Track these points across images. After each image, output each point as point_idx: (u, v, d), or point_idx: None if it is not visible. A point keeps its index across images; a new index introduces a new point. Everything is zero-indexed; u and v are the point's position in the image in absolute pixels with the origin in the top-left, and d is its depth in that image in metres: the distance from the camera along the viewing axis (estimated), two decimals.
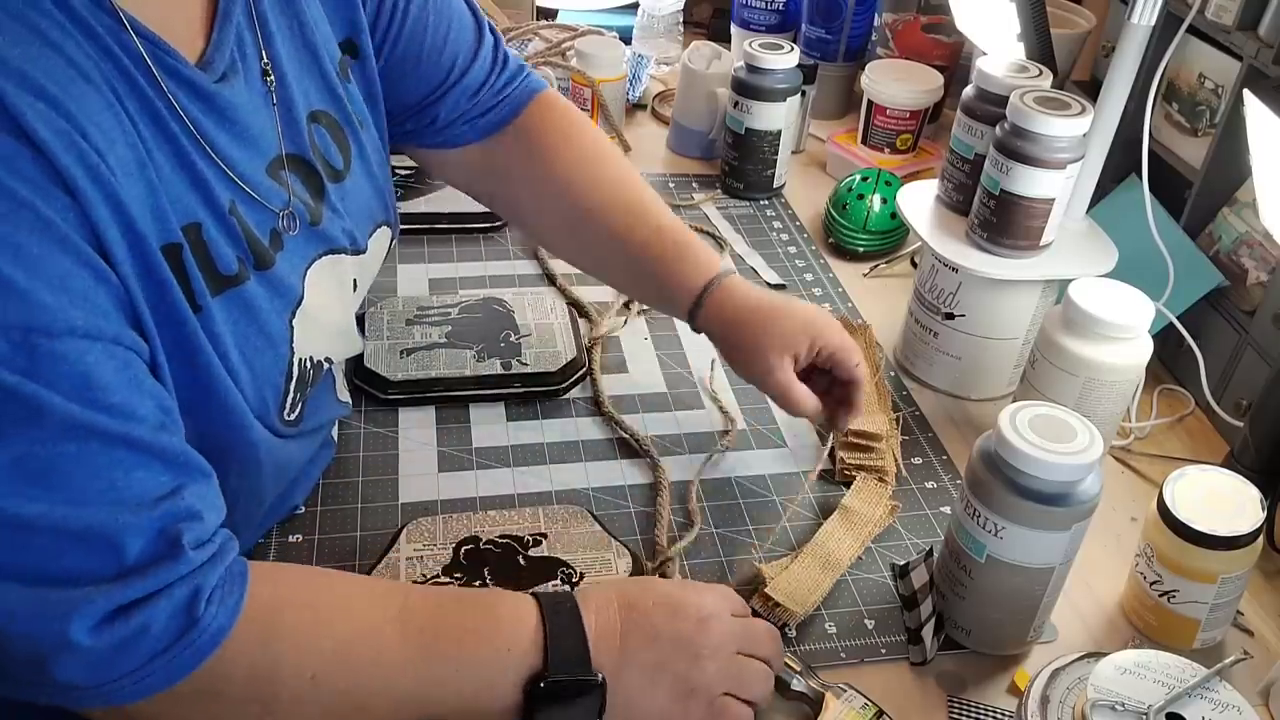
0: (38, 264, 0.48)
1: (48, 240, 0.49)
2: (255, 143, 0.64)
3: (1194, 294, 0.96)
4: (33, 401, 0.48)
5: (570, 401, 0.93)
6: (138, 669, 0.51)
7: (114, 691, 0.51)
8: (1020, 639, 0.72)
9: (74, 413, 0.49)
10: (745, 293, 0.82)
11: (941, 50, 1.42)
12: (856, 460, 0.87)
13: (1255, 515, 0.70)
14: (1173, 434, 0.96)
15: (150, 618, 0.50)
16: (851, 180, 1.20)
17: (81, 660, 0.49)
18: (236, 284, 0.61)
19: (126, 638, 0.50)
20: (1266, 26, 0.89)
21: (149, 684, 0.51)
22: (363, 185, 0.76)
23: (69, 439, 0.49)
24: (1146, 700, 0.57)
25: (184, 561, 0.52)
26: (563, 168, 0.86)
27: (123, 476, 0.51)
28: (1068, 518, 0.66)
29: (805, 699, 0.68)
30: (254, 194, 0.64)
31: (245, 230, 0.62)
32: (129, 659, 0.50)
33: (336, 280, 0.73)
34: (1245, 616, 0.77)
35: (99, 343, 0.51)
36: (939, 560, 0.74)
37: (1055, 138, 0.84)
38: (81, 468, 0.49)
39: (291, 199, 0.67)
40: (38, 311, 0.48)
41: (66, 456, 0.49)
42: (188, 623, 0.52)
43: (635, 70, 1.47)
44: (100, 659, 0.50)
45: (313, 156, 0.70)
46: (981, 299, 0.92)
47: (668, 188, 1.30)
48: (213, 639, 0.52)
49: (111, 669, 0.50)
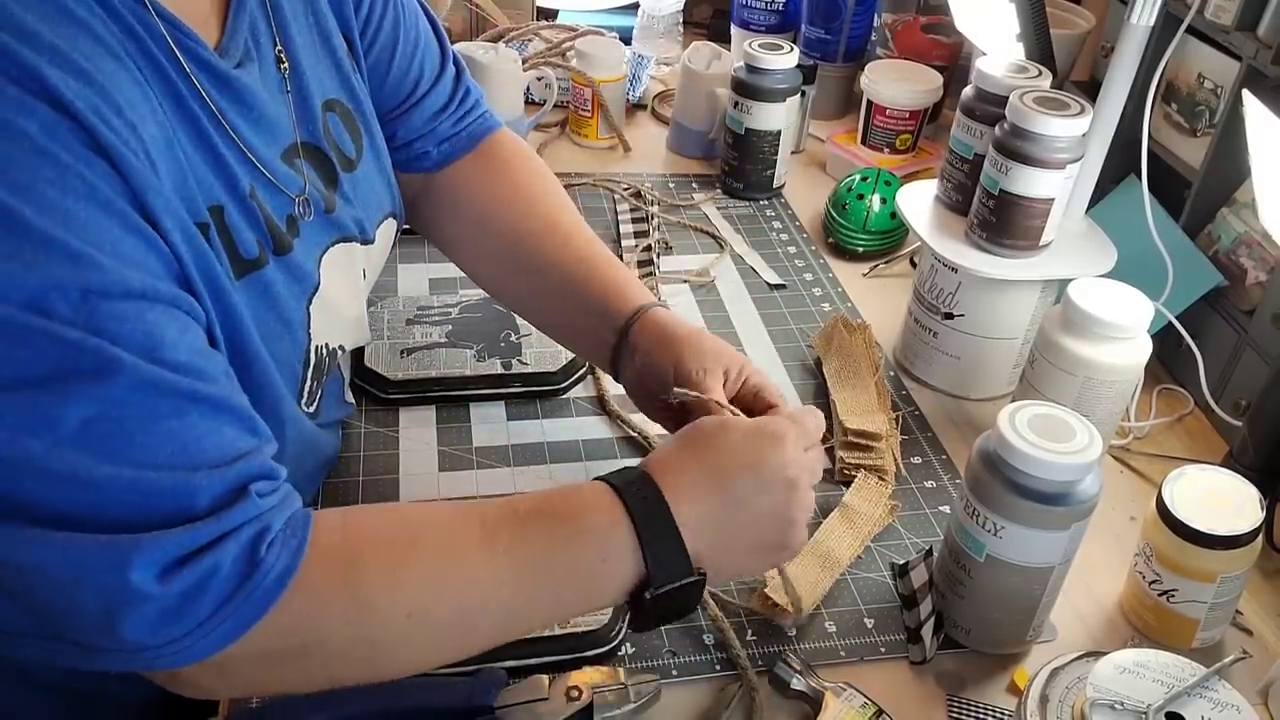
0: (87, 228, 0.48)
1: (94, 205, 0.48)
2: (271, 129, 0.65)
3: (1193, 294, 0.96)
4: (99, 357, 0.47)
5: (570, 401, 0.93)
6: (206, 620, 0.49)
7: (183, 649, 0.49)
8: (1020, 638, 0.72)
9: (142, 369, 0.48)
10: (674, 320, 0.77)
11: (941, 50, 1.42)
12: (856, 459, 0.87)
13: (1254, 515, 0.71)
14: (1172, 434, 0.96)
15: (218, 561, 0.49)
16: (851, 180, 1.20)
17: (150, 612, 0.48)
18: (257, 268, 0.62)
19: (193, 585, 0.49)
20: (1265, 27, 0.89)
21: (217, 636, 0.50)
22: (373, 175, 0.77)
23: (138, 397, 0.48)
24: (1146, 699, 0.57)
25: (251, 505, 0.51)
26: (507, 208, 0.85)
27: (195, 440, 0.50)
28: (1067, 517, 0.66)
29: (805, 698, 0.68)
30: (272, 179, 0.64)
31: (265, 214, 0.63)
32: (197, 608, 0.49)
33: (349, 268, 0.73)
34: (1244, 616, 0.77)
35: (158, 304, 0.50)
36: (939, 560, 0.74)
37: (1055, 138, 0.84)
38: (152, 429, 0.49)
39: (307, 186, 0.67)
40: (93, 274, 0.47)
41: (136, 417, 0.48)
42: (251, 566, 0.50)
43: (635, 70, 1.47)
44: (168, 609, 0.49)
45: (326, 145, 0.71)
46: (981, 299, 0.92)
47: (668, 188, 1.30)
48: (278, 581, 0.51)
49: (179, 621, 0.49)
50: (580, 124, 1.38)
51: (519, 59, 1.31)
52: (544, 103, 1.38)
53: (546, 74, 1.37)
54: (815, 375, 0.99)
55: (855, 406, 0.92)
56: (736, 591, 0.75)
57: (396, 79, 0.81)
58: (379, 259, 0.80)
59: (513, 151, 0.88)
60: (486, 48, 1.30)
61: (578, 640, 0.70)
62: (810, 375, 0.99)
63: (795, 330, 1.06)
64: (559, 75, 1.38)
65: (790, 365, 1.01)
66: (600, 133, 1.37)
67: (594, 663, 0.69)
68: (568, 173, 1.30)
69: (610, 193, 1.27)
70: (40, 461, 0.47)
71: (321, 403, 0.73)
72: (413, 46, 0.82)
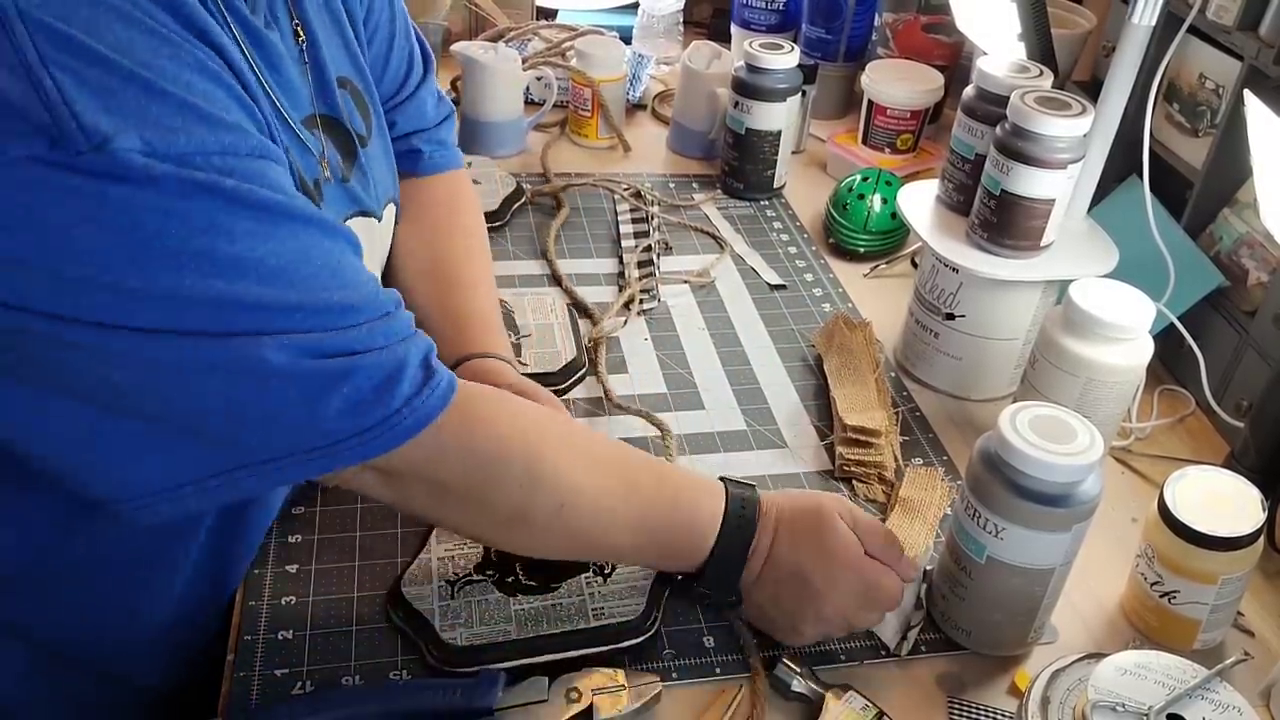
0: (208, 96, 0.51)
1: (207, 77, 0.52)
2: (295, 96, 0.66)
3: (1194, 294, 0.96)
4: (250, 198, 0.51)
5: (570, 401, 0.93)
6: (412, 397, 0.57)
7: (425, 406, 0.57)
8: (1020, 640, 0.72)
9: (293, 204, 0.54)
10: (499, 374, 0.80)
11: (942, 50, 1.42)
12: (856, 456, 0.87)
13: (1256, 516, 0.70)
14: (1173, 434, 0.96)
15: (407, 353, 0.58)
16: (852, 180, 1.20)
17: (414, 377, 0.57)
18: None
19: (393, 370, 0.56)
20: (1267, 27, 0.89)
21: (414, 420, 0.57)
22: (380, 155, 0.78)
23: (295, 230, 0.54)
24: (1147, 701, 0.57)
25: (412, 326, 0.60)
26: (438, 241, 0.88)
27: (350, 263, 0.57)
28: (1068, 518, 0.66)
29: (805, 700, 0.68)
30: (303, 139, 0.66)
31: (298, 171, 0.64)
32: (393, 395, 0.56)
33: (368, 244, 0.74)
34: (1246, 617, 0.77)
35: (268, 158, 0.54)
36: (939, 560, 0.74)
37: (1056, 138, 0.84)
38: (314, 256, 0.54)
39: (326, 153, 0.69)
40: (223, 134, 0.51)
41: (299, 248, 0.54)
42: (429, 373, 0.58)
43: (635, 70, 1.47)
44: (420, 379, 0.57)
45: (344, 119, 0.72)
46: (982, 299, 0.92)
47: (668, 188, 1.30)
48: (450, 386, 0.59)
49: (379, 404, 0.56)
50: (580, 124, 1.38)
51: (519, 59, 1.31)
52: (544, 103, 1.38)
53: (546, 74, 1.37)
54: (815, 375, 0.99)
55: (855, 403, 0.92)
56: None
57: (396, 67, 0.85)
58: (386, 241, 0.82)
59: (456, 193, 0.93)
60: (486, 47, 1.30)
61: (615, 633, 0.70)
62: (810, 375, 0.99)
63: (795, 331, 1.05)
64: (559, 75, 1.37)
65: (790, 365, 1.00)
66: (600, 133, 1.37)
67: (630, 653, 0.70)
68: (567, 173, 1.30)
69: (610, 193, 1.26)
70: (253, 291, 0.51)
71: None
72: (405, 39, 0.86)
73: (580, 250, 1.16)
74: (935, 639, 0.74)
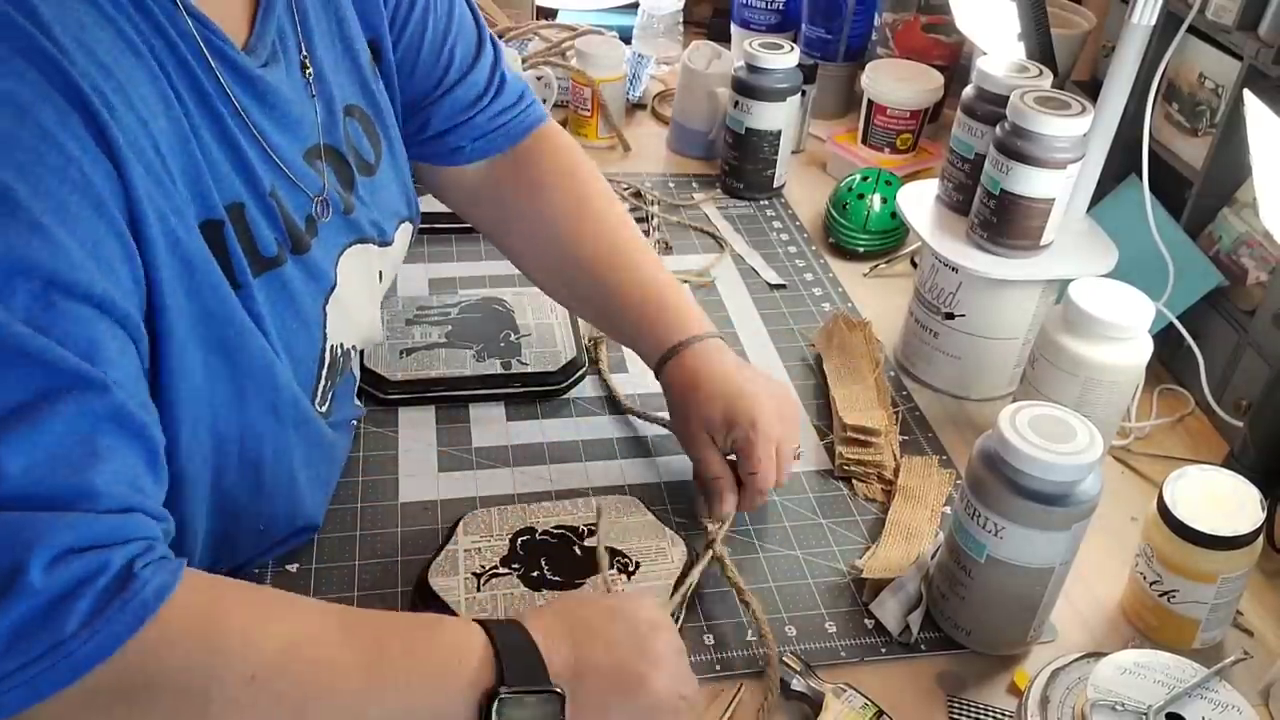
0: (76, 222, 0.48)
1: (88, 202, 0.49)
2: (295, 129, 0.66)
3: (1194, 294, 0.96)
4: (43, 356, 0.47)
5: (570, 401, 0.93)
6: (76, 631, 0.46)
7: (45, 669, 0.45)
8: (1020, 639, 0.72)
9: (83, 370, 0.48)
10: (709, 361, 0.79)
11: (942, 50, 1.42)
12: (855, 455, 0.87)
13: (1255, 515, 0.70)
14: (1173, 434, 0.96)
15: (107, 560, 0.47)
16: (851, 180, 1.20)
17: (30, 603, 0.45)
18: (275, 266, 0.63)
19: (74, 579, 0.46)
20: (1266, 26, 0.89)
21: (84, 654, 0.46)
22: (390, 180, 0.78)
23: (67, 397, 0.48)
24: (1146, 700, 0.57)
25: (141, 523, 0.50)
26: (555, 210, 0.86)
27: (107, 449, 0.49)
28: (1068, 518, 0.66)
29: (805, 699, 0.68)
30: (293, 178, 0.65)
31: (284, 213, 0.64)
32: (70, 611, 0.46)
33: (366, 270, 0.74)
34: (1245, 616, 0.77)
35: (108, 317, 0.50)
36: (939, 559, 0.74)
37: (1055, 137, 0.84)
38: (73, 433, 0.48)
39: (326, 187, 0.68)
40: (64, 266, 0.48)
41: (63, 416, 0.47)
42: (128, 579, 0.48)
43: (635, 70, 1.47)
44: (50, 605, 0.45)
45: (345, 149, 0.72)
46: (981, 299, 0.92)
47: (668, 188, 1.30)
48: (156, 595, 0.48)
49: (58, 625, 0.45)
50: (580, 124, 1.38)
51: (519, 58, 1.31)
52: (544, 102, 1.38)
53: (546, 73, 1.37)
54: (815, 374, 0.99)
55: (855, 403, 0.92)
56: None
57: (427, 66, 0.81)
58: (396, 261, 0.81)
59: (552, 151, 0.88)
60: None
61: None
62: (810, 374, 0.99)
63: (795, 330, 1.05)
64: (559, 75, 1.38)
65: (790, 365, 1.00)
66: (600, 132, 1.37)
67: None
68: None
69: None
70: None
71: (334, 403, 0.73)
72: (443, 34, 0.82)
73: None
74: (935, 638, 0.74)
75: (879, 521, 0.83)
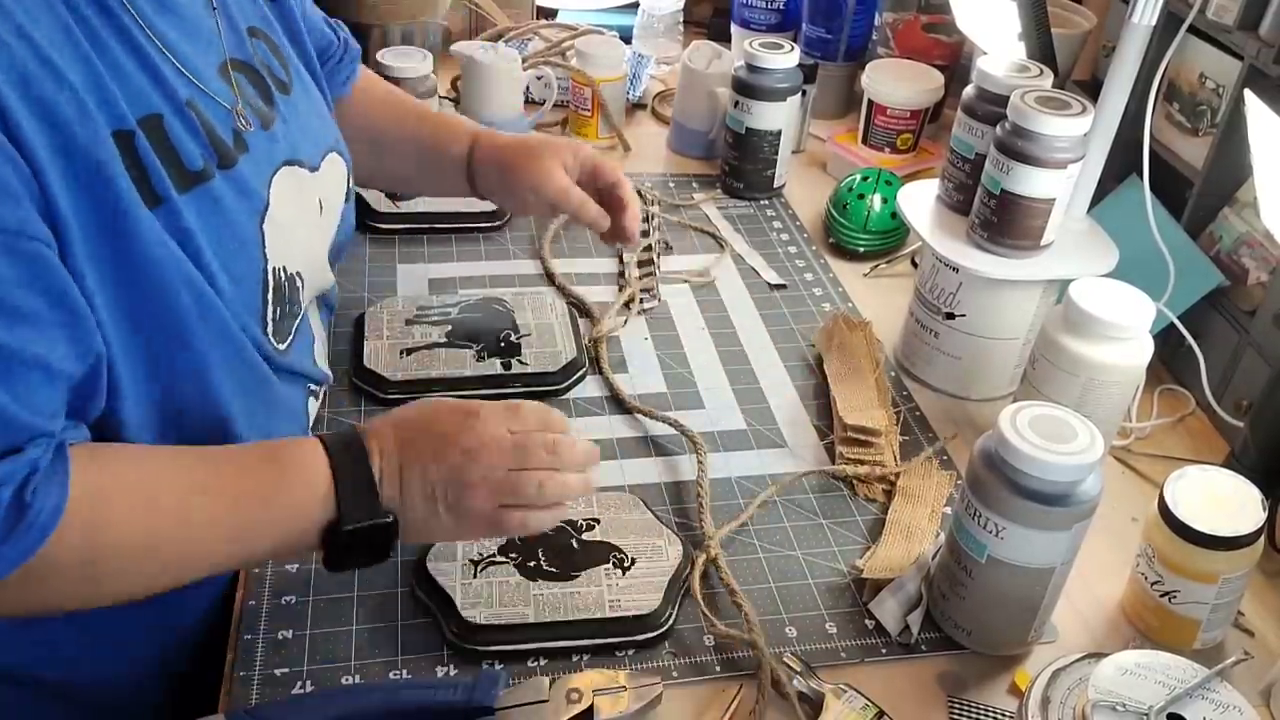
0: None
1: None
2: (202, 40, 0.66)
3: (1195, 294, 0.96)
4: None
5: (570, 401, 0.93)
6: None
7: None
8: (1021, 639, 0.72)
9: None
10: (505, 135, 0.93)
11: (942, 50, 1.42)
12: (855, 456, 0.87)
13: (1256, 515, 0.70)
14: (1173, 434, 0.96)
15: None
16: (852, 180, 1.20)
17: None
18: (203, 180, 0.63)
19: None
20: (1267, 26, 0.89)
21: None
22: (307, 104, 0.79)
23: None
24: (1147, 701, 0.57)
25: (24, 463, 0.52)
26: (377, 118, 0.97)
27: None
28: (1068, 518, 0.66)
29: (805, 699, 0.68)
30: (207, 90, 0.65)
31: (206, 126, 0.64)
32: None
33: (300, 194, 0.74)
34: (1246, 617, 0.77)
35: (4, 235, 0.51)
36: (939, 559, 0.74)
37: (1056, 137, 0.84)
38: None
39: (239, 101, 0.69)
40: None
41: None
42: (19, 513, 0.52)
43: (635, 70, 1.47)
44: None
45: (258, 65, 0.73)
46: (982, 299, 0.92)
47: (668, 187, 1.30)
48: (43, 530, 0.53)
49: None
50: (580, 123, 1.38)
51: (519, 58, 1.31)
52: (544, 102, 1.38)
53: (546, 73, 1.37)
54: (816, 374, 0.99)
55: (855, 403, 0.92)
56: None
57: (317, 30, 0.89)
58: (335, 195, 0.82)
59: (371, 86, 1.00)
60: (486, 47, 1.30)
61: (630, 626, 0.71)
62: (811, 374, 0.99)
63: (795, 330, 1.05)
64: (559, 75, 1.37)
65: (791, 365, 1.00)
66: (600, 132, 1.37)
67: (643, 647, 0.71)
68: None
69: None
70: None
71: (293, 343, 0.73)
72: None
73: (580, 250, 1.16)
74: (935, 638, 0.74)
75: (879, 521, 0.83)
